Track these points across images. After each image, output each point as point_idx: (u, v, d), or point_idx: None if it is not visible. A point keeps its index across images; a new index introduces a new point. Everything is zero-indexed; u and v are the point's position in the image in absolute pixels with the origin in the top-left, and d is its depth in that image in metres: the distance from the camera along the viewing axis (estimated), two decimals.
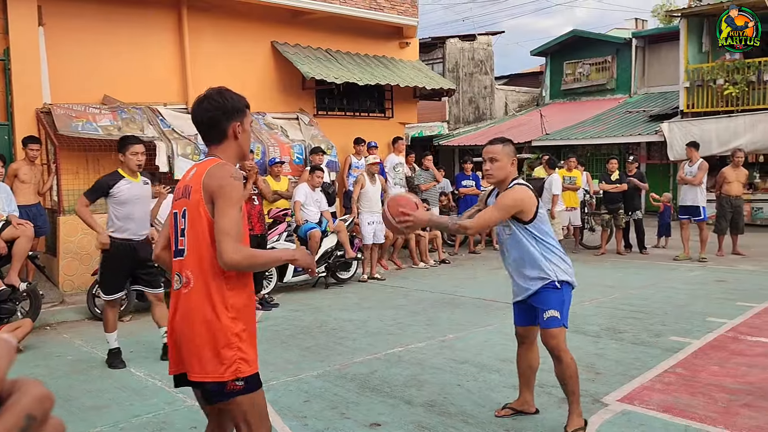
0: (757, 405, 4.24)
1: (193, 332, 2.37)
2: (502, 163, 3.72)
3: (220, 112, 2.51)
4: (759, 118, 15.07)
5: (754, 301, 7.36)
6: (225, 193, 2.36)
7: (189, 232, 2.44)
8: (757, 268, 9.78)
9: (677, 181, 10.99)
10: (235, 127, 2.53)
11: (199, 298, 2.38)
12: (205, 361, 2.36)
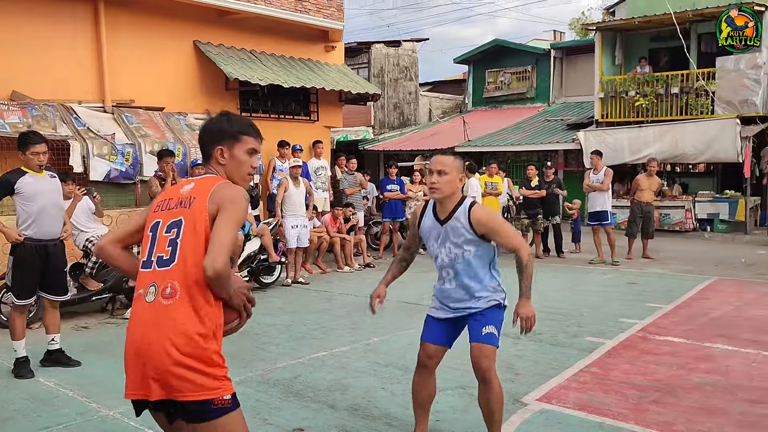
0: (664, 401, 4.45)
1: (174, 346, 2.18)
2: (451, 177, 3.45)
3: (206, 133, 2.53)
4: (666, 128, 15.88)
5: (662, 302, 7.74)
6: (234, 209, 2.31)
7: (184, 242, 2.30)
8: (665, 271, 10.29)
9: (584, 189, 11.43)
10: (218, 150, 2.48)
11: (185, 312, 2.22)
12: (194, 378, 2.19)
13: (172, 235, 2.32)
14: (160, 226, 2.38)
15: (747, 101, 15.27)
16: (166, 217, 2.39)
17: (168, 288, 2.25)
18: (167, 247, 2.31)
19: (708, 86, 15.82)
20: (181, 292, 2.24)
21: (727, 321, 6.85)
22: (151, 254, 2.34)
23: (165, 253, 2.31)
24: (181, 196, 2.41)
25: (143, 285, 2.32)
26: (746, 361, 5.39)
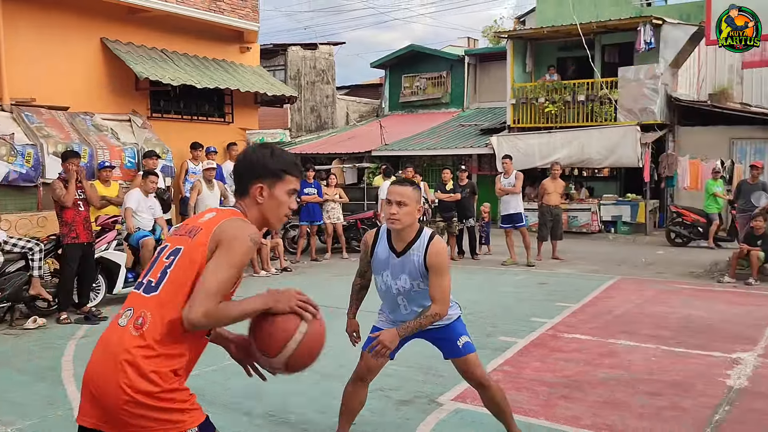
0: (572, 396, 4.64)
1: (128, 383, 2.02)
2: (410, 208, 3.30)
3: (246, 166, 2.31)
4: (574, 134, 16.57)
5: (571, 301, 8.06)
6: (233, 250, 2.08)
7: (172, 274, 2.11)
8: (573, 271, 10.72)
9: (497, 192, 11.73)
10: (258, 188, 2.27)
11: (147, 348, 2.04)
12: (153, 416, 2.03)
13: (167, 263, 2.16)
14: (165, 250, 2.23)
15: (646, 109, 16.15)
16: (173, 242, 2.24)
17: (140, 318, 2.08)
18: (159, 274, 2.15)
19: (611, 95, 16.62)
20: (149, 326, 2.06)
21: (630, 318, 7.21)
22: (146, 276, 2.20)
23: (155, 279, 2.15)
24: (194, 224, 2.24)
25: (124, 305, 2.18)
26: (646, 356, 5.69)
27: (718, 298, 8.44)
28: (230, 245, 2.08)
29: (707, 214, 13.89)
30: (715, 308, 7.73)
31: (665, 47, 16.29)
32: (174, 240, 2.24)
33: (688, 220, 14.16)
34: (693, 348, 5.93)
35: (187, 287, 2.08)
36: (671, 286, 9.25)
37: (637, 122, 16.02)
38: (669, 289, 8.97)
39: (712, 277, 9.86)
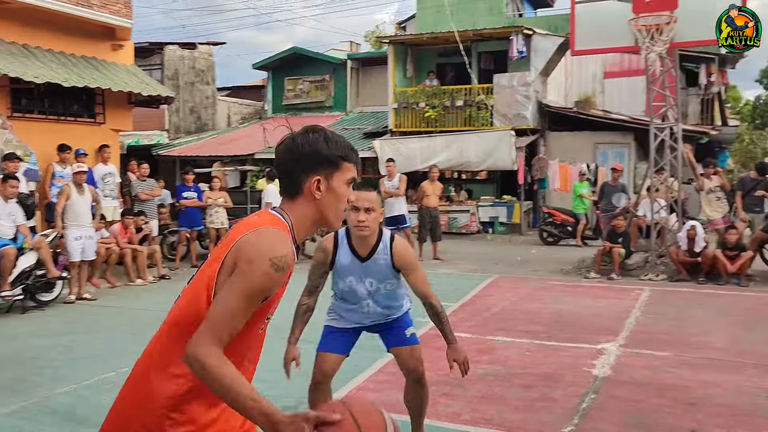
0: (453, 393, 4.78)
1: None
2: (376, 214, 3.29)
3: (295, 157, 1.90)
4: (453, 138, 17.11)
5: (452, 300, 8.29)
6: (248, 274, 1.71)
7: (186, 290, 1.87)
8: (454, 271, 11.06)
9: (381, 195, 11.93)
10: (315, 182, 1.88)
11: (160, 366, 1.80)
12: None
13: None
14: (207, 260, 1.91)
15: (519, 115, 16.99)
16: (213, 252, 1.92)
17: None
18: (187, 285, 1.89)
19: (487, 100, 17.33)
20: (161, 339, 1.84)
21: (506, 315, 7.54)
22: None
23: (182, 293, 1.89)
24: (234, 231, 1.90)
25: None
26: (521, 350, 5.97)
27: (586, 292, 9.01)
28: (248, 267, 1.72)
29: (575, 214, 14.80)
30: (582, 303, 8.24)
31: (536, 56, 17.21)
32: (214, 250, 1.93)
33: (558, 220, 15.02)
34: (563, 341, 6.29)
35: (196, 307, 1.78)
36: (544, 283, 9.76)
37: (512, 127, 16.80)
38: (542, 286, 9.46)
39: (579, 273, 10.51)
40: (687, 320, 7.25)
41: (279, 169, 1.96)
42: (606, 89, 21.06)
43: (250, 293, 1.71)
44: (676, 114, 10.70)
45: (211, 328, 1.67)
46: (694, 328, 6.86)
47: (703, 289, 9.20)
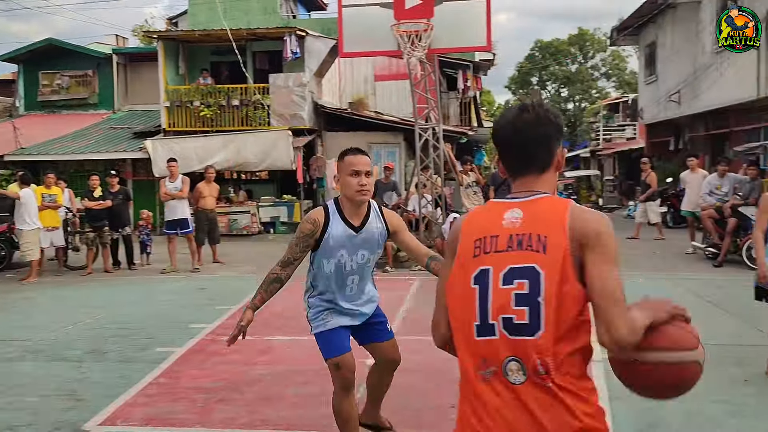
0: (229, 398, 4.70)
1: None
2: (374, 178, 3.37)
3: (554, 129, 1.81)
4: (230, 138, 16.81)
5: (231, 303, 8.14)
6: (606, 244, 1.67)
7: (550, 299, 1.64)
8: (234, 273, 10.88)
9: (162, 197, 11.39)
10: (561, 153, 1.84)
11: (571, 394, 1.65)
12: None
13: (520, 289, 1.68)
14: (491, 275, 1.72)
15: (296, 115, 17.20)
16: (497, 262, 1.72)
17: (542, 366, 1.65)
18: (516, 307, 1.67)
19: (264, 100, 17.28)
20: (554, 371, 1.65)
21: (288, 313, 7.54)
22: (486, 316, 1.71)
23: (515, 314, 1.67)
24: (511, 230, 1.74)
25: (491, 359, 1.70)
26: (301, 347, 6.03)
27: None
28: (600, 242, 1.68)
29: None
30: None
31: (310, 57, 17.53)
32: (493, 259, 1.73)
33: None
34: None
35: (576, 303, 1.68)
36: None
37: (289, 127, 16.94)
38: None
39: None
40: None
41: (531, 140, 1.80)
42: (377, 91, 22.13)
43: (616, 261, 1.71)
44: (438, 116, 11.56)
45: (622, 306, 1.68)
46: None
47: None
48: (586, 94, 50.30)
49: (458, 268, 1.79)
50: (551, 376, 1.64)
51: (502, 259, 1.72)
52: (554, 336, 1.65)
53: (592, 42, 49.22)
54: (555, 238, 1.68)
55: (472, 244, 1.78)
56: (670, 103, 19.82)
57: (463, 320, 1.76)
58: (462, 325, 1.77)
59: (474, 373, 1.73)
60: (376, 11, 10.23)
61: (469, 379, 1.75)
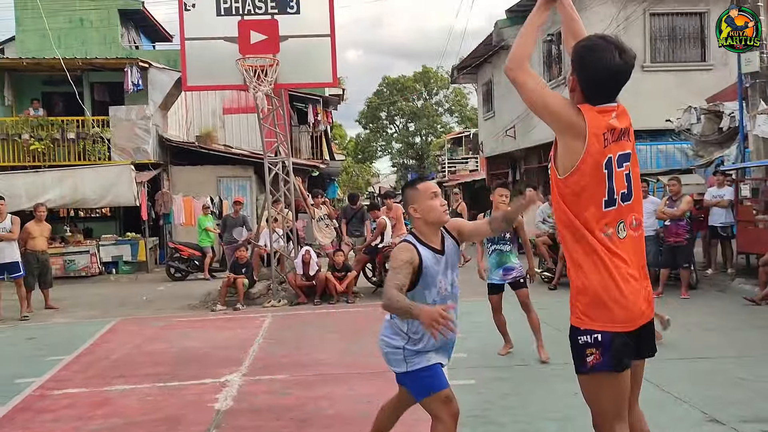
0: None
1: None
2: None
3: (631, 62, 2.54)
4: (66, 173, 15.69)
5: (64, 353, 7.52)
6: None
7: (635, 176, 2.53)
8: (69, 319, 10.09)
9: None
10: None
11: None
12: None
13: (626, 170, 2.49)
14: (612, 161, 2.45)
15: (140, 149, 16.44)
16: (614, 150, 2.46)
17: (636, 221, 2.56)
18: (625, 182, 2.49)
19: (103, 133, 16.37)
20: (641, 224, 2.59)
21: (127, 360, 7.13)
22: (613, 192, 2.47)
23: (624, 187, 2.49)
24: (619, 126, 2.49)
25: (612, 223, 2.49)
26: (141, 396, 5.69)
27: (212, 326, 9.07)
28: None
29: (201, 248, 14.86)
30: (208, 337, 8.26)
31: (153, 89, 16.90)
32: (613, 148, 2.47)
33: (185, 254, 14.89)
34: (187, 379, 6.19)
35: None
36: (170, 320, 9.54)
37: (132, 161, 16.14)
38: (168, 324, 9.23)
39: (207, 307, 10.54)
40: (303, 341, 7.81)
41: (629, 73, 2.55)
42: (226, 124, 21.75)
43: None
44: (287, 149, 11.55)
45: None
46: (309, 347, 7.42)
47: (319, 309, 10.06)
48: (431, 129, 52.58)
49: (592, 159, 2.44)
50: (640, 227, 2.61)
51: (617, 147, 2.49)
52: (637, 199, 2.56)
53: (435, 79, 51.70)
54: (632, 131, 2.58)
55: (602, 137, 2.45)
56: (507, 137, 21.26)
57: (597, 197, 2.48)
58: (594, 201, 2.48)
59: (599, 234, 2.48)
60: (221, 45, 10.08)
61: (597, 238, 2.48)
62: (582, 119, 2.41)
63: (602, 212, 2.44)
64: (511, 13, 18.86)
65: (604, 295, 2.43)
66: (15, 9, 21.49)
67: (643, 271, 2.57)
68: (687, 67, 15.72)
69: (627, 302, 2.45)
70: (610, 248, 2.45)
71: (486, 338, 7.34)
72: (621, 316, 2.44)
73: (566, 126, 2.43)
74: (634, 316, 2.47)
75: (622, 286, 2.44)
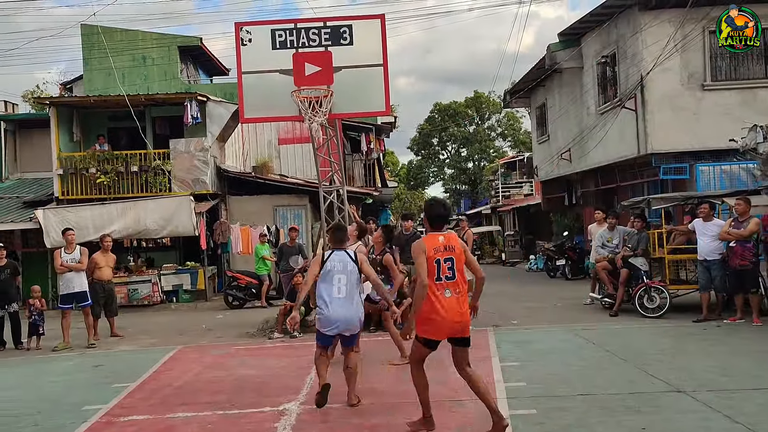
0: None
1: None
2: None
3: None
4: (129, 205, 16.22)
5: (129, 380, 7.69)
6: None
7: (457, 266, 5.04)
8: (133, 347, 10.34)
9: (57, 269, 10.75)
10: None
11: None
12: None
13: (448, 264, 4.98)
14: (441, 261, 4.98)
15: (198, 180, 16.90)
16: (441, 256, 4.99)
17: (458, 289, 5.01)
18: (448, 271, 4.98)
19: (164, 166, 16.90)
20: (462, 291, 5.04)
21: (189, 388, 7.24)
22: (439, 273, 4.95)
23: (449, 273, 4.98)
24: (446, 244, 5.05)
25: (441, 289, 4.96)
26: (202, 424, 5.76)
27: (269, 354, 9.15)
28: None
29: (258, 276, 15.08)
30: (266, 365, 8.33)
31: (211, 122, 17.37)
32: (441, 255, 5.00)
33: (243, 282, 15.13)
34: (246, 407, 6.24)
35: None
36: (228, 349, 9.66)
37: (191, 192, 16.58)
38: (226, 353, 9.36)
39: (264, 335, 10.65)
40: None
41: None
42: (282, 154, 22.17)
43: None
44: (341, 178, 11.68)
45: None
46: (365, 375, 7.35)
47: (374, 336, 10.02)
48: (484, 154, 52.38)
49: (429, 259, 4.93)
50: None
51: (442, 255, 4.97)
52: (460, 278, 5.01)
53: (487, 104, 51.63)
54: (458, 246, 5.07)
55: (433, 250, 4.96)
56: (562, 160, 20.96)
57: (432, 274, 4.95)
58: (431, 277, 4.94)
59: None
60: (277, 77, 10.33)
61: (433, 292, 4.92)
62: (424, 244, 5.01)
63: (435, 284, 4.94)
64: (563, 36, 18.71)
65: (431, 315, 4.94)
66: (83, 50, 22.61)
67: (463, 317, 4.99)
68: (751, 84, 15.22)
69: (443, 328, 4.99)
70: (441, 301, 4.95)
71: (546, 367, 7.18)
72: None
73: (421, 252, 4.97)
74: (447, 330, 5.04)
75: (443, 314, 4.93)
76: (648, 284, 10.43)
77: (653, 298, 10.33)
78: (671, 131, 15.14)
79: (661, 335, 8.89)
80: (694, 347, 8.12)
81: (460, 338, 4.97)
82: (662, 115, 15.20)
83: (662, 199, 12.12)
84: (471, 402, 5.92)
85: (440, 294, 4.83)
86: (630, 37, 15.80)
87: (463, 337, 4.97)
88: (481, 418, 5.15)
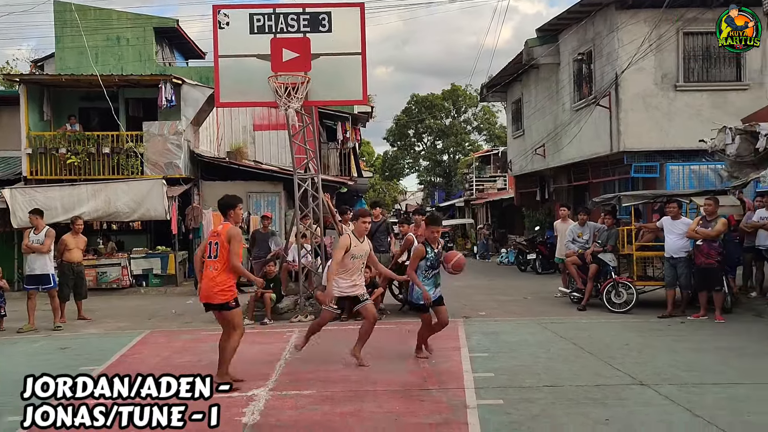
0: None
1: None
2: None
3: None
4: (100, 187, 15.96)
5: (95, 364, 7.62)
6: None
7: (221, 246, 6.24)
8: (101, 330, 10.23)
9: (23, 250, 10.59)
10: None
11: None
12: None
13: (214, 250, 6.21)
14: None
15: (171, 164, 16.71)
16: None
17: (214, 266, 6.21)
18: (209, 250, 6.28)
19: (137, 148, 16.67)
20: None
21: (157, 372, 7.16)
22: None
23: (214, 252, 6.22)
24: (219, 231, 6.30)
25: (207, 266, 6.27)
26: None
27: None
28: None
29: None
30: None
31: (186, 106, 17.17)
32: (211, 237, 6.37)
33: None
34: (214, 392, 6.20)
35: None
36: (198, 334, 9.61)
37: (163, 176, 16.39)
38: (197, 338, 9.31)
39: None
40: (330, 357, 7.80)
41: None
42: (257, 140, 22.01)
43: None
44: (317, 166, 11.64)
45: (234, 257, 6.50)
46: (336, 363, 7.42)
47: (345, 325, 10.03)
48: (459, 147, 52.61)
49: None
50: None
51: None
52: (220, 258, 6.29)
53: (464, 97, 51.82)
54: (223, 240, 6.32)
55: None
56: (536, 156, 21.16)
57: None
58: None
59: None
60: (254, 62, 10.24)
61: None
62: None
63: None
64: (541, 32, 18.84)
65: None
66: (55, 27, 22.14)
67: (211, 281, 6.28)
68: (722, 86, 15.52)
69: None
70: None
71: (514, 358, 7.28)
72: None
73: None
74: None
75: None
76: (616, 280, 10.61)
77: (621, 293, 10.51)
78: (643, 130, 15.38)
79: (627, 330, 9.06)
80: (658, 342, 8.29)
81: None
82: (635, 114, 15.43)
83: (632, 197, 12.31)
84: (439, 391, 5.99)
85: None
86: (606, 36, 15.99)
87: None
88: (453, 407, 5.21)
